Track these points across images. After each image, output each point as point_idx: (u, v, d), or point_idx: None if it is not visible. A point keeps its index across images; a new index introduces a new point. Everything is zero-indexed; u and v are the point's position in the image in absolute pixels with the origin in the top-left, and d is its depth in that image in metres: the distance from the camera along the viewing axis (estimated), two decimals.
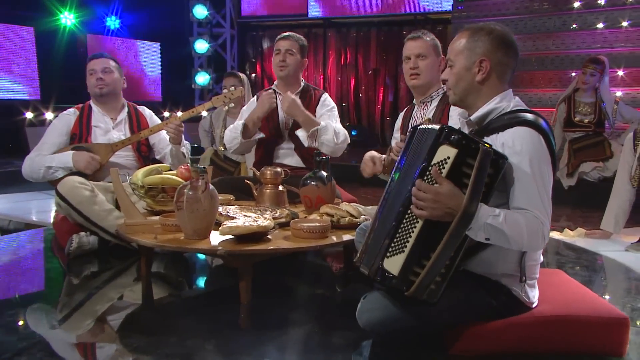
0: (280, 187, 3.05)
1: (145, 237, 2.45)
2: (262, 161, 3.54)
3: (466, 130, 2.02)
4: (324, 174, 2.85)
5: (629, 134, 4.98)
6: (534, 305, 1.98)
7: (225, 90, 4.70)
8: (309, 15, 8.49)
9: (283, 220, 2.64)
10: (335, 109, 3.66)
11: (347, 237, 2.49)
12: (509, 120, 1.90)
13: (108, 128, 3.41)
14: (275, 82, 3.71)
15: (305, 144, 3.34)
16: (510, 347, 1.92)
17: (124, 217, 2.68)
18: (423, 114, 3.01)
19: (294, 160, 3.57)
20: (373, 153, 3.04)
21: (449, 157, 1.77)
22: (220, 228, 2.33)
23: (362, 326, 1.93)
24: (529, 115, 1.89)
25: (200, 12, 8.76)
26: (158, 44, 8.65)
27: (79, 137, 3.35)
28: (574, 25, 6.82)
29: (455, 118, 2.86)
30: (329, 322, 2.34)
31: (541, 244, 1.80)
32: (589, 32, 6.73)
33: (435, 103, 2.97)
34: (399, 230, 1.84)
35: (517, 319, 1.92)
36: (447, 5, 7.59)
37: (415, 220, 1.81)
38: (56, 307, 2.52)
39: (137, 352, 1.98)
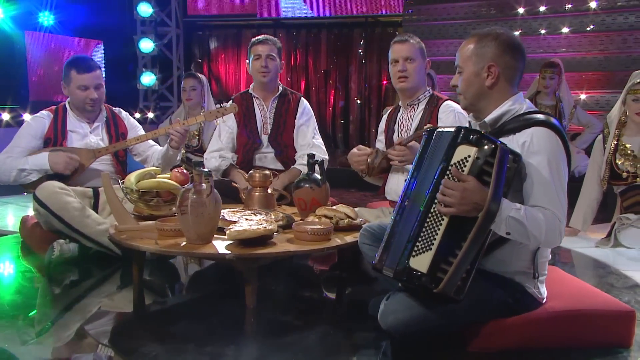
0: (269, 190, 3.03)
1: (145, 243, 2.37)
2: (242, 165, 3.50)
3: None
4: (318, 176, 2.84)
5: (584, 137, 5.26)
6: (544, 301, 2.06)
7: (184, 92, 4.66)
8: (259, 16, 8.43)
9: (281, 223, 2.61)
10: (313, 116, 3.68)
11: (350, 239, 2.49)
12: (525, 121, 1.96)
13: (85, 133, 3.27)
14: (251, 85, 3.68)
15: None
16: (526, 343, 1.98)
17: (116, 223, 2.58)
18: (410, 117, 3.06)
19: (274, 164, 3.56)
20: (354, 150, 3.06)
21: (469, 156, 1.83)
22: (227, 232, 2.28)
23: (385, 327, 1.94)
24: (544, 117, 1.96)
25: (145, 10, 8.50)
26: (101, 42, 8.34)
27: (54, 141, 3.19)
28: (519, 31, 7.09)
29: (445, 120, 2.93)
30: (338, 323, 2.36)
31: (558, 240, 1.87)
32: (533, 38, 7.01)
33: (422, 106, 3.03)
34: (423, 230, 1.87)
35: (532, 315, 1.98)
36: (398, 8, 7.71)
37: (440, 219, 1.84)
38: (38, 319, 2.39)
39: None
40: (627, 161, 3.51)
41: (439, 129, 2.02)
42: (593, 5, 6.64)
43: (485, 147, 1.81)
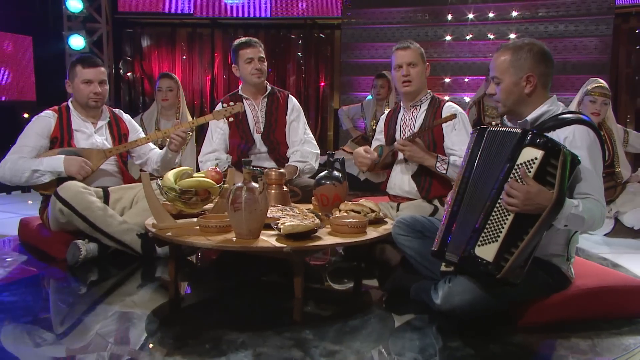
0: (285, 188, 3.17)
1: (198, 239, 2.45)
2: (238, 165, 3.60)
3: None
4: (338, 173, 3.01)
5: None
6: (573, 280, 2.36)
7: (160, 92, 4.67)
8: (195, 15, 8.37)
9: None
10: (302, 112, 3.85)
11: (381, 230, 2.69)
12: (564, 119, 2.24)
13: (90, 133, 3.26)
14: (240, 87, 3.79)
15: None
16: (565, 317, 2.27)
17: (155, 221, 2.63)
18: (413, 117, 3.31)
19: (269, 163, 3.69)
20: (360, 148, 3.29)
21: (535, 158, 2.04)
22: (282, 227, 2.42)
23: (450, 307, 2.15)
24: (580, 116, 2.26)
25: (75, 5, 8.21)
26: (30, 38, 7.95)
27: (60, 140, 3.16)
28: (449, 36, 7.57)
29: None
30: (382, 308, 2.56)
31: (602, 224, 2.17)
32: (461, 43, 7.52)
33: (425, 107, 3.28)
34: (489, 223, 2.09)
35: (568, 292, 2.28)
36: (336, 12, 7.96)
37: (506, 214, 2.06)
38: (68, 317, 2.41)
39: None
40: None
41: (490, 128, 2.26)
42: (514, 14, 7.25)
43: (551, 150, 2.02)
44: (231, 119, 3.44)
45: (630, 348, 2.05)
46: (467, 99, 6.92)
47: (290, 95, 3.87)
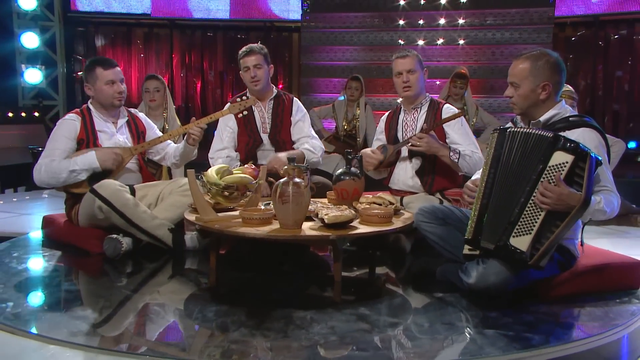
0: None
1: (249, 230, 2.65)
2: (245, 163, 3.79)
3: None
4: (355, 169, 3.28)
5: (486, 134, 6.24)
6: (579, 259, 2.73)
7: (147, 92, 4.78)
8: (152, 15, 8.39)
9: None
10: (307, 112, 4.08)
11: (404, 220, 2.98)
12: (573, 122, 2.59)
13: (112, 132, 3.39)
14: (247, 90, 3.97)
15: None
16: (575, 290, 2.63)
17: (200, 215, 2.81)
18: (414, 118, 3.63)
19: None
20: (367, 149, 3.59)
21: (567, 162, 2.33)
22: (327, 217, 2.66)
23: (484, 286, 2.45)
24: (586, 119, 2.63)
25: (27, 3, 8.05)
26: None
27: (87, 142, 3.29)
28: (402, 41, 7.99)
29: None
30: (411, 289, 2.85)
31: (617, 212, 2.52)
32: (413, 47, 7.95)
33: (425, 108, 3.61)
34: (523, 216, 2.41)
35: (577, 269, 2.64)
36: (295, 15, 8.21)
37: (539, 210, 2.37)
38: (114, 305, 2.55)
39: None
40: None
41: (510, 129, 2.58)
42: (462, 21, 7.77)
43: (580, 155, 2.32)
44: (240, 115, 3.63)
45: (637, 314, 2.44)
46: None
47: (294, 98, 4.08)
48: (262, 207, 2.93)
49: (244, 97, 3.58)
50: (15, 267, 2.95)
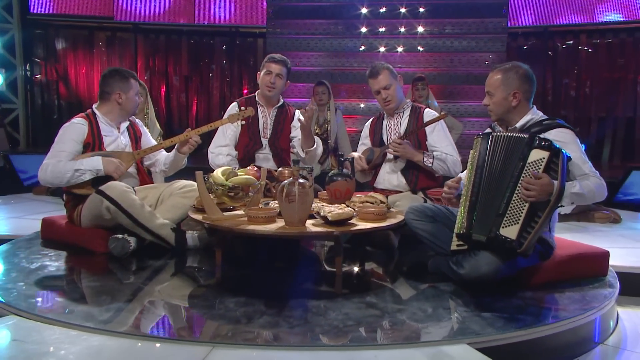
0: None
1: (257, 227, 2.81)
2: (243, 162, 3.95)
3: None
4: (347, 171, 3.49)
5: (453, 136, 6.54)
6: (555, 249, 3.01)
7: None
8: (116, 19, 8.38)
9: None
10: None
11: (398, 218, 3.20)
12: (548, 125, 2.88)
13: (116, 136, 3.49)
14: (257, 92, 4.12)
15: (302, 155, 3.91)
16: (553, 277, 2.89)
17: (207, 214, 2.95)
18: (397, 122, 3.87)
19: (271, 165, 4.06)
20: (356, 154, 3.82)
21: (543, 158, 2.64)
22: (330, 214, 2.85)
23: (477, 275, 2.68)
24: (558, 121, 2.91)
25: None
26: None
27: (92, 145, 3.38)
28: (363, 47, 8.26)
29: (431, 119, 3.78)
30: (403, 280, 3.07)
31: (605, 194, 2.80)
32: (374, 54, 8.24)
33: (407, 113, 3.87)
34: (509, 209, 2.67)
35: (555, 258, 2.91)
36: (260, 21, 8.36)
37: (523, 202, 2.64)
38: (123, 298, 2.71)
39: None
40: None
41: (494, 134, 2.85)
42: (421, 29, 8.10)
43: (554, 151, 2.63)
44: (243, 122, 3.79)
45: (609, 297, 2.74)
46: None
47: (297, 110, 4.23)
48: (262, 206, 3.10)
49: (242, 108, 3.74)
50: (27, 266, 3.02)
